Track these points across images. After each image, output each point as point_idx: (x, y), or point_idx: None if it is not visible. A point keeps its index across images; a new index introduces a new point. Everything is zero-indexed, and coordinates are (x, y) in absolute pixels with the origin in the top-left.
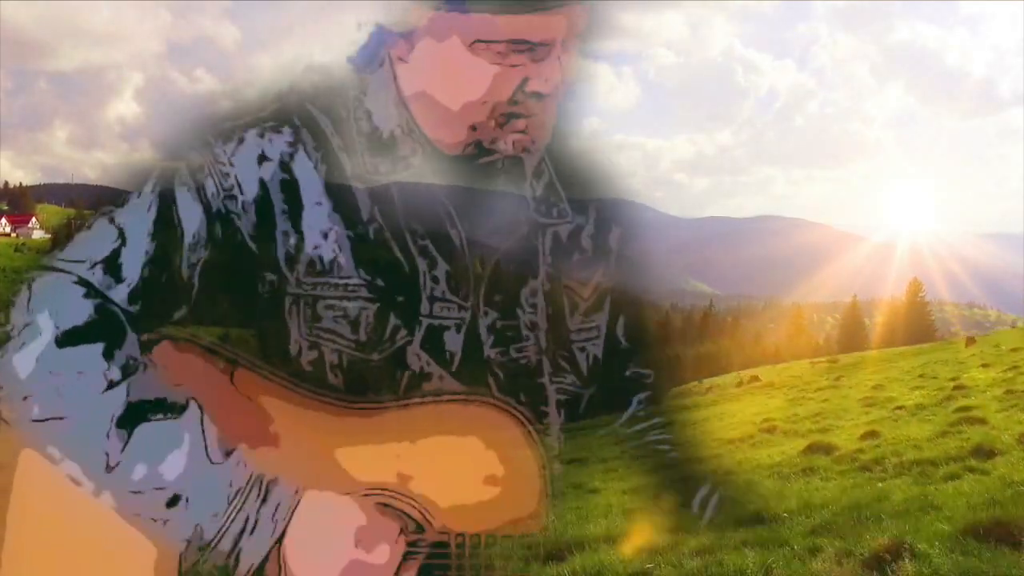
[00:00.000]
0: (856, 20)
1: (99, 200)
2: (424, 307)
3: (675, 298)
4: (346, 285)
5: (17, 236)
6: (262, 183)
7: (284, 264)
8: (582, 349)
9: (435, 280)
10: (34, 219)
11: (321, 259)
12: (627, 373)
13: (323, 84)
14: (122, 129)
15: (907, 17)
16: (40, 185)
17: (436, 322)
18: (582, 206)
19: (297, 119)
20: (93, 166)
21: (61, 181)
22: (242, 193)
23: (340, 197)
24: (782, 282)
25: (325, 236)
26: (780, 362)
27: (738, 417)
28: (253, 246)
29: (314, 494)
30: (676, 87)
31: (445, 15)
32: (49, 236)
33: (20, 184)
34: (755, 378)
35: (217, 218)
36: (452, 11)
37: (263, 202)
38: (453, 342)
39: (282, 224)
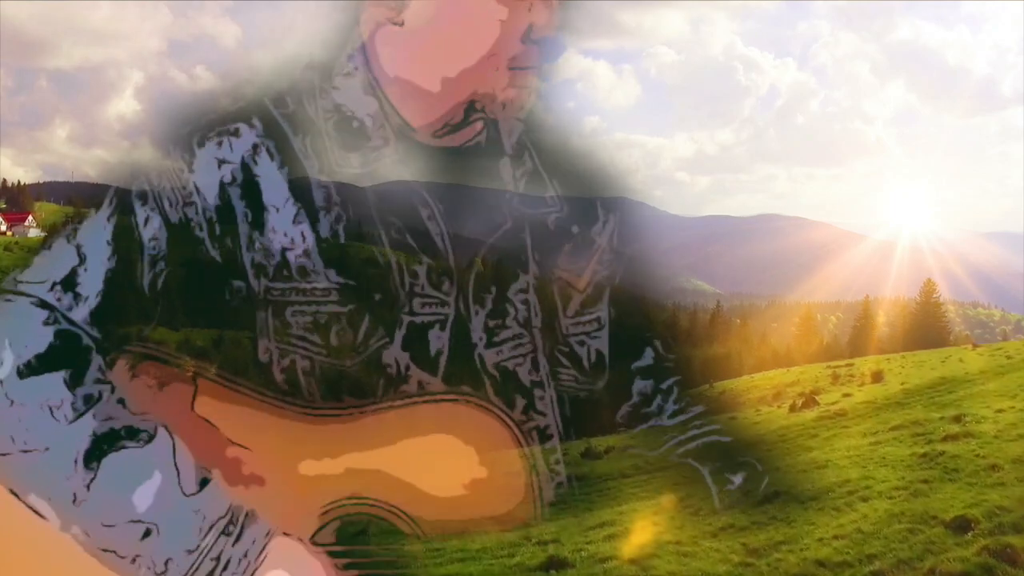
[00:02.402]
0: (857, 18)
1: (98, 199)
2: (404, 303)
3: (676, 297)
4: (314, 289)
5: (13, 235)
6: (223, 188)
7: (251, 270)
8: (582, 343)
9: (414, 275)
10: (31, 217)
11: (288, 263)
12: (650, 361)
13: (287, 79)
14: (122, 127)
15: (908, 15)
16: (41, 183)
17: (418, 319)
18: (573, 199)
19: (258, 119)
20: (93, 164)
21: (61, 179)
22: (202, 200)
23: (307, 196)
24: (783, 281)
25: (291, 239)
26: (793, 365)
27: (877, 502)
28: (216, 254)
29: (282, 541)
30: (677, 85)
31: None
32: (44, 235)
33: (19, 182)
34: (811, 400)
35: (177, 228)
36: None
37: (225, 208)
38: (438, 340)
39: (246, 229)
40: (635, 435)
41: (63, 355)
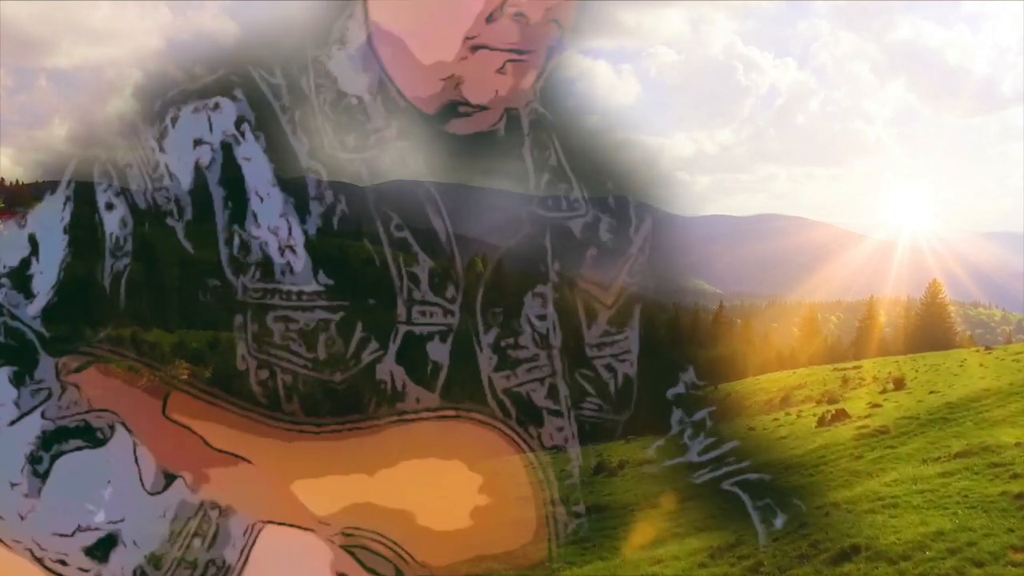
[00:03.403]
0: (857, 18)
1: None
2: (401, 312)
3: (677, 297)
4: (300, 293)
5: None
6: (198, 171)
7: (228, 267)
8: (608, 367)
9: (414, 279)
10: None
11: (270, 261)
12: (680, 389)
13: (274, 47)
14: (122, 127)
15: (908, 15)
16: (40, 183)
17: (416, 330)
18: (599, 199)
19: (240, 91)
20: (93, 163)
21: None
22: (175, 185)
23: (295, 183)
24: (783, 281)
25: (275, 232)
26: (797, 366)
27: (998, 570)
28: (190, 247)
29: (273, 530)
30: (677, 85)
31: None
32: None
33: (17, 181)
34: (842, 412)
35: (145, 217)
36: None
37: (201, 194)
38: (438, 353)
39: (224, 219)
40: (647, 443)
41: (8, 352)
